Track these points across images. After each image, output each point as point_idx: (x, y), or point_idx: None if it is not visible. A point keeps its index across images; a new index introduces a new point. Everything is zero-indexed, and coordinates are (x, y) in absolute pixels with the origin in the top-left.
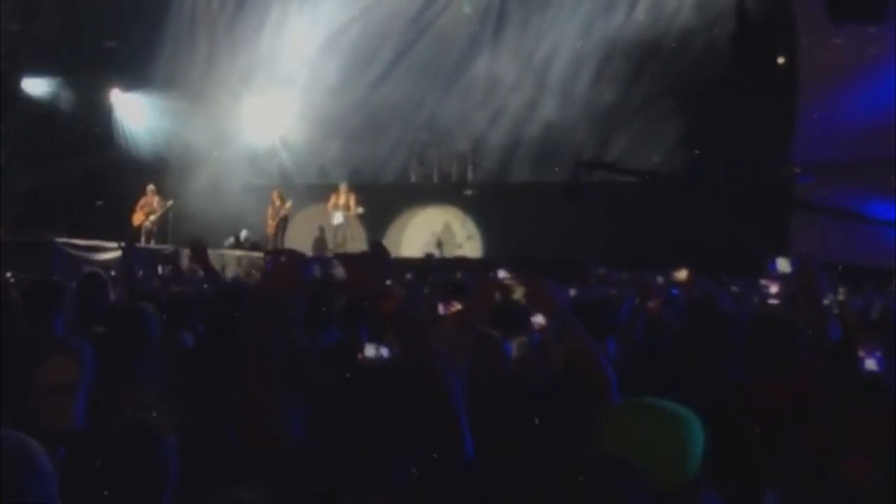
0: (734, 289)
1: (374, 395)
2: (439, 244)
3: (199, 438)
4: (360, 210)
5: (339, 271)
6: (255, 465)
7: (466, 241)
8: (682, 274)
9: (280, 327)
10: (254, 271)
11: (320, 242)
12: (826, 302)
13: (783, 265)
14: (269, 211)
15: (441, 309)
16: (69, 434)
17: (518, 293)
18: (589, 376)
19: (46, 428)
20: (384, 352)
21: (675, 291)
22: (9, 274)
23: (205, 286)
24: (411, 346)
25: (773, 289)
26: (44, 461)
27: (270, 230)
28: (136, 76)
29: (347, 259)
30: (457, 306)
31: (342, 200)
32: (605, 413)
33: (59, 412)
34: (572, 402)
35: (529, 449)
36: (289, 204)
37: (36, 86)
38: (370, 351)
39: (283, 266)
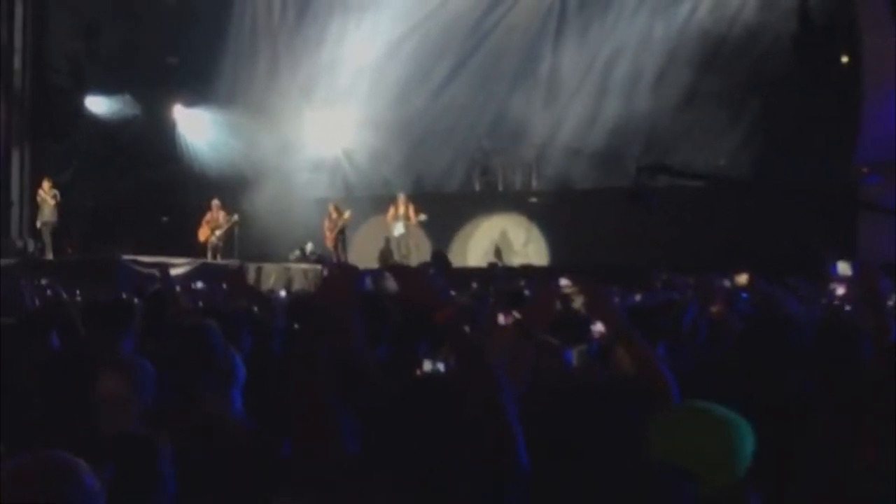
0: (801, 291)
1: (429, 408)
2: (498, 252)
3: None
4: (423, 217)
5: (391, 283)
6: (307, 477)
7: (525, 248)
8: (742, 277)
9: (332, 340)
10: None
11: (386, 253)
12: (891, 303)
13: (843, 268)
14: (326, 223)
15: (501, 319)
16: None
17: (578, 302)
18: (649, 382)
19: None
20: (441, 367)
21: (744, 295)
22: (77, 292)
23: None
24: (466, 357)
25: (840, 291)
26: (90, 480)
27: (329, 243)
28: (199, 91)
29: (399, 270)
30: (516, 315)
31: (401, 211)
32: (656, 417)
33: (114, 424)
34: (634, 407)
35: (590, 454)
36: (346, 215)
37: (99, 103)
38: (427, 366)
39: (335, 278)
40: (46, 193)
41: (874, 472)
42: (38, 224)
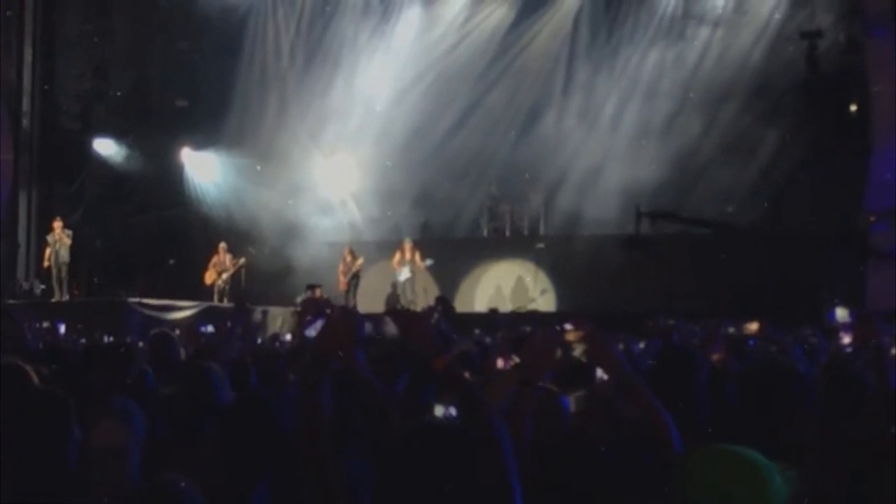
0: (812, 339)
1: (435, 455)
2: (512, 299)
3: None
4: (429, 262)
5: (391, 328)
6: None
7: (540, 295)
8: (752, 325)
9: (331, 387)
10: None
11: (392, 298)
12: (893, 351)
13: (842, 314)
14: (341, 267)
15: (501, 363)
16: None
17: (579, 350)
18: (650, 430)
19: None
20: (452, 411)
21: (752, 342)
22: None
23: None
24: (465, 406)
25: (847, 339)
26: None
27: (342, 287)
28: (207, 134)
29: (399, 316)
30: (516, 360)
31: (408, 256)
32: (686, 460)
33: (111, 476)
34: (634, 455)
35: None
36: (360, 261)
37: (107, 146)
38: (439, 411)
39: (336, 323)
40: (61, 234)
41: None
42: (51, 265)
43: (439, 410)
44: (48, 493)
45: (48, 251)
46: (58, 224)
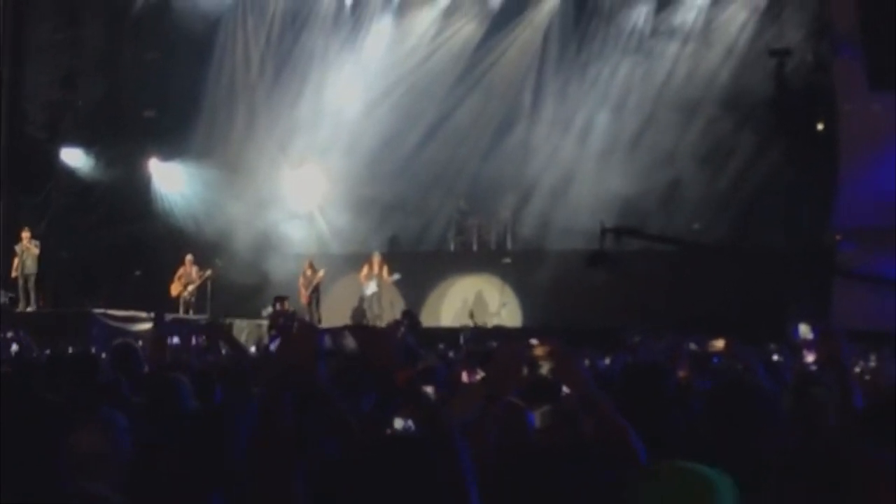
0: (775, 357)
1: (394, 469)
2: (472, 314)
3: None
4: (396, 277)
5: (350, 342)
6: None
7: (501, 309)
8: (719, 343)
9: (292, 400)
10: None
11: (358, 312)
12: (857, 370)
13: (805, 331)
14: (301, 280)
15: (465, 377)
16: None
17: (545, 367)
18: (615, 446)
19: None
20: (411, 425)
21: (716, 360)
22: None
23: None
24: (424, 419)
25: (810, 357)
26: None
27: (304, 300)
28: (175, 145)
29: (358, 330)
30: (481, 375)
31: (375, 270)
32: (636, 479)
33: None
34: (598, 470)
35: None
36: (321, 273)
37: (74, 156)
38: (398, 423)
39: (295, 337)
40: (29, 244)
41: None
42: (17, 275)
43: (399, 423)
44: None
45: (16, 261)
46: (25, 234)
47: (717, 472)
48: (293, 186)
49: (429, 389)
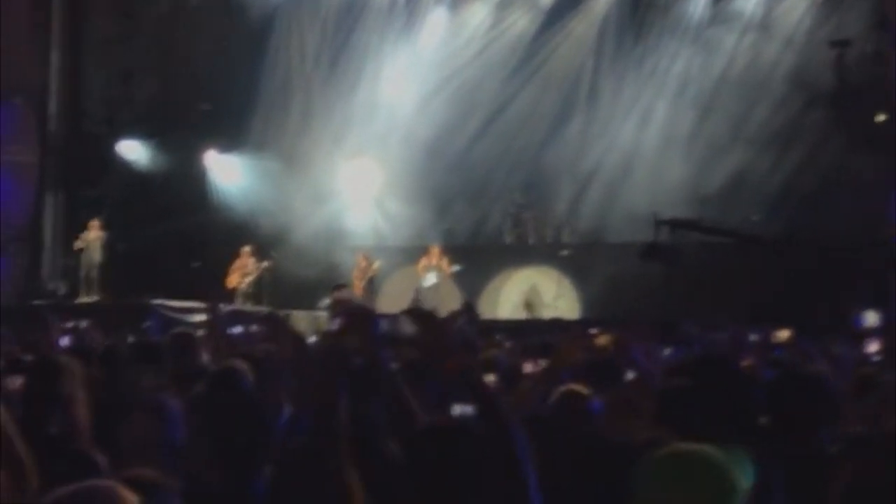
0: (836, 349)
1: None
2: (528, 305)
3: None
4: (456, 268)
5: (407, 327)
6: None
7: (556, 301)
8: (783, 333)
9: (348, 387)
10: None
11: (416, 304)
12: None
13: (871, 318)
14: (355, 273)
15: (529, 367)
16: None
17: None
18: None
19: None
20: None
21: (778, 351)
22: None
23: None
24: (482, 405)
25: (872, 347)
26: None
27: (359, 292)
28: (231, 137)
29: (417, 315)
30: (543, 365)
31: (434, 261)
32: (645, 463)
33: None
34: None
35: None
36: (376, 265)
37: (132, 149)
38: (457, 409)
39: (351, 320)
40: (96, 235)
41: None
42: (83, 265)
43: (457, 409)
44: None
45: (79, 245)
46: (93, 224)
47: (730, 453)
48: (349, 179)
49: (490, 378)
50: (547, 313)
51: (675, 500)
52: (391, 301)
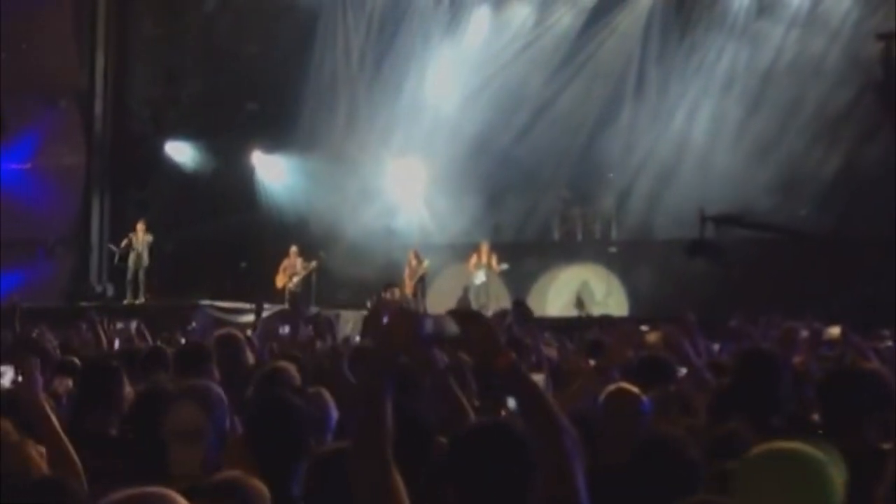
0: (889, 343)
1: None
2: (579, 303)
3: None
4: (505, 266)
5: (453, 328)
6: None
7: (606, 299)
8: (835, 330)
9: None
10: None
11: (464, 302)
12: None
13: None
14: (406, 271)
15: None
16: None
17: (653, 336)
18: None
19: (176, 475)
20: None
21: (826, 347)
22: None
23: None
24: (527, 405)
25: None
26: None
27: (409, 290)
28: (278, 137)
29: (461, 315)
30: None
31: (484, 259)
32: (741, 462)
33: (187, 459)
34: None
35: None
36: (426, 263)
37: (179, 149)
38: (511, 403)
39: (396, 322)
40: (144, 236)
41: None
42: (131, 266)
43: (512, 403)
44: None
45: (126, 244)
46: (140, 226)
47: (826, 454)
48: (396, 178)
49: (539, 377)
50: (597, 311)
51: (775, 494)
52: (441, 299)
